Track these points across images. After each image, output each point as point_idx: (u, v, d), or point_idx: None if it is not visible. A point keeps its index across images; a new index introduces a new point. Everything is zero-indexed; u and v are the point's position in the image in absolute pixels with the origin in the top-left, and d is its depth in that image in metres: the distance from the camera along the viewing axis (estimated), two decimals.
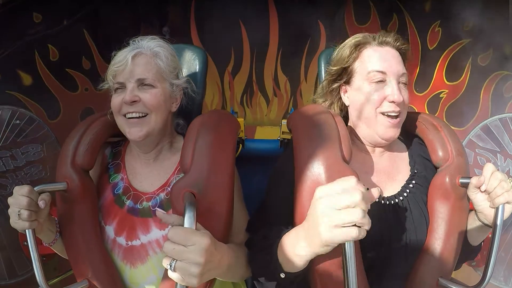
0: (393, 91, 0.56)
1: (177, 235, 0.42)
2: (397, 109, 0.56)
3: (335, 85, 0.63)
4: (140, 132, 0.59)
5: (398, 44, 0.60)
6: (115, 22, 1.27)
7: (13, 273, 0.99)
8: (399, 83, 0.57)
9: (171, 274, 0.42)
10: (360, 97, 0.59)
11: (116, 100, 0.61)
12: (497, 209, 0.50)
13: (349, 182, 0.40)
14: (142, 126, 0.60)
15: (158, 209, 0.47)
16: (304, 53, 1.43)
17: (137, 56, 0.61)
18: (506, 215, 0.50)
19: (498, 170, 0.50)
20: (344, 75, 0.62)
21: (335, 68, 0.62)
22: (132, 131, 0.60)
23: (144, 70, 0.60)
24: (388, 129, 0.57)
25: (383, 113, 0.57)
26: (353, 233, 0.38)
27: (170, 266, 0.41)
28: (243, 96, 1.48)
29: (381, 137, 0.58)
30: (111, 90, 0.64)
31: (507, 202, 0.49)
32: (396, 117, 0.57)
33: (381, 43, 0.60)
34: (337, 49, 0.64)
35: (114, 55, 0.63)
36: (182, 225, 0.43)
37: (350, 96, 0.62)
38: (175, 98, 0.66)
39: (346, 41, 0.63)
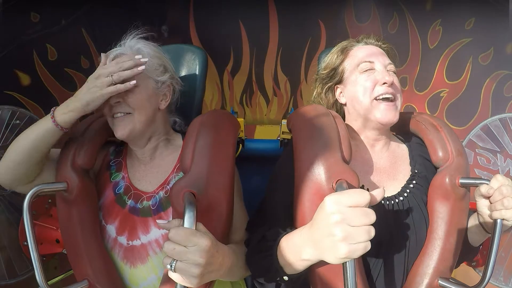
0: (382, 74, 0.59)
1: (177, 236, 0.42)
2: (390, 90, 0.58)
3: (329, 84, 0.66)
4: (123, 130, 0.59)
5: (380, 43, 0.64)
6: (113, 21, 1.27)
7: (13, 273, 0.99)
8: (387, 71, 0.60)
9: (171, 274, 0.42)
10: (355, 89, 0.61)
11: (105, 103, 0.60)
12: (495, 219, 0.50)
13: (364, 197, 0.39)
14: (124, 125, 0.60)
15: (158, 220, 0.48)
16: (304, 53, 1.42)
17: (117, 57, 0.60)
18: (505, 227, 0.50)
19: (507, 184, 0.50)
20: (335, 75, 0.65)
21: (325, 71, 0.66)
22: (117, 129, 0.60)
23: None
24: (386, 112, 0.58)
25: (378, 98, 0.58)
26: (369, 246, 0.38)
27: (171, 266, 0.41)
28: (242, 96, 1.47)
29: (380, 122, 0.58)
30: None
31: (503, 219, 0.49)
32: (391, 100, 0.59)
33: (365, 43, 0.64)
34: (324, 57, 0.69)
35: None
36: (183, 226, 0.43)
37: (345, 93, 0.64)
38: (163, 95, 0.65)
39: (333, 49, 0.67)
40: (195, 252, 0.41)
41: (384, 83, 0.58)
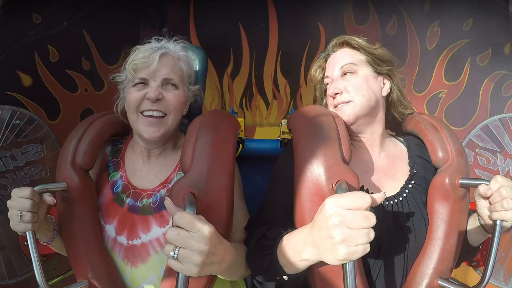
0: (331, 87, 0.62)
1: (183, 219, 0.41)
2: (340, 100, 0.61)
3: (320, 92, 0.71)
4: (158, 132, 0.60)
5: (344, 40, 0.66)
6: (114, 23, 1.27)
7: (13, 273, 0.99)
8: (344, 73, 0.62)
9: (171, 263, 0.41)
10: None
11: (135, 95, 0.60)
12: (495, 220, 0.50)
13: (365, 201, 0.39)
14: (160, 127, 0.60)
15: (167, 197, 0.46)
16: (304, 56, 1.43)
17: (164, 56, 0.62)
18: (505, 228, 0.50)
19: (507, 185, 0.50)
20: (321, 89, 0.70)
21: (313, 84, 0.71)
22: (149, 130, 0.60)
23: (171, 71, 0.62)
24: (339, 112, 0.61)
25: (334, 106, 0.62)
26: (368, 248, 0.38)
27: (173, 253, 0.40)
28: (242, 99, 1.48)
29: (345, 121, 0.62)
30: (120, 83, 0.64)
31: (503, 220, 0.49)
32: (346, 103, 0.61)
33: (333, 51, 0.66)
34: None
35: (135, 50, 0.62)
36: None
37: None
38: (188, 102, 0.68)
39: (316, 61, 0.70)
40: (199, 238, 0.40)
41: (336, 94, 0.61)
